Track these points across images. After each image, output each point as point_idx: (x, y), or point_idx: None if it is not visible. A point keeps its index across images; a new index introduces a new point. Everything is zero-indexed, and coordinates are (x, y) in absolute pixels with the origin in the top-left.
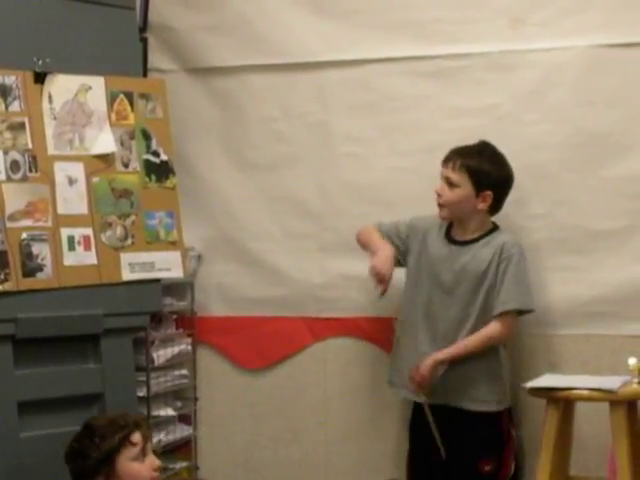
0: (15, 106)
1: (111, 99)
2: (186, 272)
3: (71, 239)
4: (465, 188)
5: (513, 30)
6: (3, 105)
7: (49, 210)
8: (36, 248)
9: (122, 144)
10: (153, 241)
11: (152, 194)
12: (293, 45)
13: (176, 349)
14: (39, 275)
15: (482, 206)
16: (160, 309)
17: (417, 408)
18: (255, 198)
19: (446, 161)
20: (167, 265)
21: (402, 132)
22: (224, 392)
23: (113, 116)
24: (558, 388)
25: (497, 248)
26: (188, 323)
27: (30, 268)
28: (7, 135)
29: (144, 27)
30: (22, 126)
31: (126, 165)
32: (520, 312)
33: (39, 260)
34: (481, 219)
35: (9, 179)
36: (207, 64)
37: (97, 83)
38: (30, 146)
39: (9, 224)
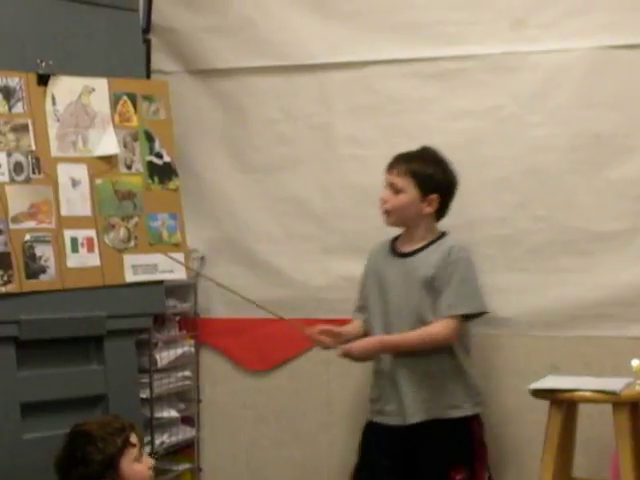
0: (18, 108)
1: (114, 101)
2: (189, 274)
3: (74, 241)
4: (410, 193)
5: (515, 32)
6: (7, 107)
7: (52, 212)
8: (39, 250)
9: (125, 146)
10: (156, 243)
11: (155, 196)
12: (295, 47)
13: (179, 351)
14: (42, 277)
15: (428, 210)
16: (163, 311)
17: (368, 427)
18: (257, 200)
19: (390, 167)
20: (170, 267)
21: (404, 134)
22: (227, 394)
23: (116, 118)
24: (561, 389)
25: (444, 253)
26: (191, 325)
27: (33, 270)
28: (10, 137)
29: (147, 29)
30: (25, 128)
31: (129, 167)
32: (469, 316)
33: (42, 262)
34: (427, 225)
35: (12, 181)
36: (210, 66)
37: (100, 85)
38: (33, 148)
39: (12, 226)
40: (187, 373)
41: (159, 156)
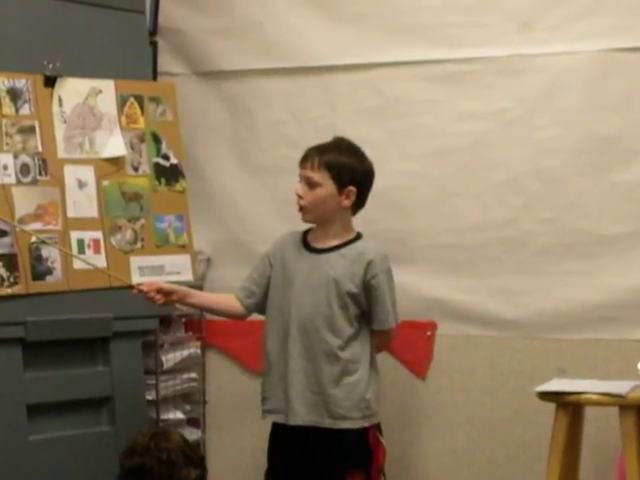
0: (25, 109)
1: (121, 102)
2: (195, 275)
3: (81, 242)
4: (327, 186)
5: (522, 34)
6: (13, 108)
7: (59, 213)
8: (46, 251)
9: (132, 147)
10: (163, 244)
11: (162, 197)
12: (302, 49)
13: (185, 352)
14: (49, 278)
15: (346, 203)
16: (169, 312)
17: (276, 430)
18: (264, 202)
19: (303, 161)
20: (177, 268)
21: (411, 136)
22: (233, 395)
23: (123, 119)
24: (567, 392)
25: (363, 263)
26: (197, 326)
27: (40, 271)
28: (17, 138)
29: (154, 31)
30: (32, 129)
31: (136, 168)
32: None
33: (49, 263)
34: (344, 220)
35: (19, 182)
36: (216, 68)
37: (107, 86)
38: (40, 149)
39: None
40: (193, 375)
41: (166, 158)
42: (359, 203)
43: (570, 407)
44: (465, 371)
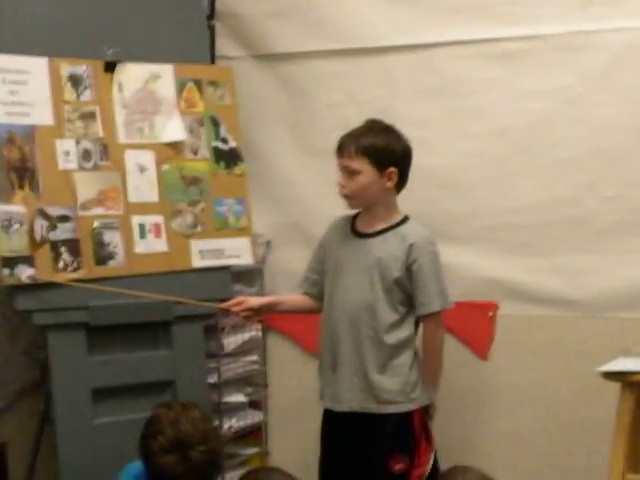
0: (86, 95)
1: (180, 87)
2: (255, 259)
3: (142, 227)
4: (367, 172)
5: (583, 10)
6: (75, 94)
7: (120, 198)
8: (107, 236)
9: (191, 131)
10: (222, 228)
11: (221, 181)
12: (359, 30)
13: (246, 335)
14: (111, 263)
15: (389, 185)
16: (230, 296)
17: (326, 415)
18: (322, 184)
19: (340, 150)
20: (237, 252)
21: (469, 116)
22: (294, 378)
23: (182, 104)
24: (633, 372)
25: (406, 247)
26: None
27: (102, 256)
28: (79, 124)
29: (211, 14)
30: (93, 115)
31: (195, 152)
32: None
33: (111, 248)
34: (389, 203)
35: (81, 168)
36: (274, 50)
37: (166, 71)
38: (101, 135)
39: (81, 213)
40: (254, 358)
41: (225, 141)
42: (401, 182)
43: (635, 387)
44: (527, 352)
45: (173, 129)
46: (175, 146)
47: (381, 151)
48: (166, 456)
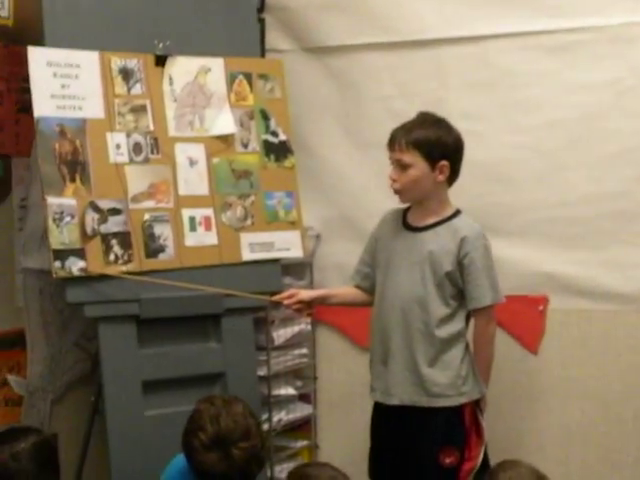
0: (137, 89)
1: (230, 80)
2: (305, 252)
3: (192, 220)
4: (419, 166)
5: (635, 1)
6: (125, 88)
7: (170, 191)
8: (158, 229)
9: (241, 125)
10: (272, 221)
11: (271, 174)
12: (409, 23)
13: (296, 328)
14: (161, 256)
15: (441, 178)
16: (280, 289)
17: (376, 408)
18: (373, 177)
19: (391, 143)
20: (286, 245)
21: (521, 108)
22: (343, 371)
23: (232, 97)
24: None
25: (457, 241)
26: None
27: (153, 249)
28: (129, 118)
29: (262, 8)
30: (144, 108)
31: (245, 145)
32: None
33: (161, 241)
34: (440, 197)
35: (132, 161)
36: (323, 43)
37: (217, 64)
38: (152, 128)
39: (132, 206)
40: (304, 351)
41: (275, 134)
42: (453, 175)
43: None
44: (578, 345)
45: (223, 122)
46: (225, 139)
47: (433, 144)
48: (207, 453)
